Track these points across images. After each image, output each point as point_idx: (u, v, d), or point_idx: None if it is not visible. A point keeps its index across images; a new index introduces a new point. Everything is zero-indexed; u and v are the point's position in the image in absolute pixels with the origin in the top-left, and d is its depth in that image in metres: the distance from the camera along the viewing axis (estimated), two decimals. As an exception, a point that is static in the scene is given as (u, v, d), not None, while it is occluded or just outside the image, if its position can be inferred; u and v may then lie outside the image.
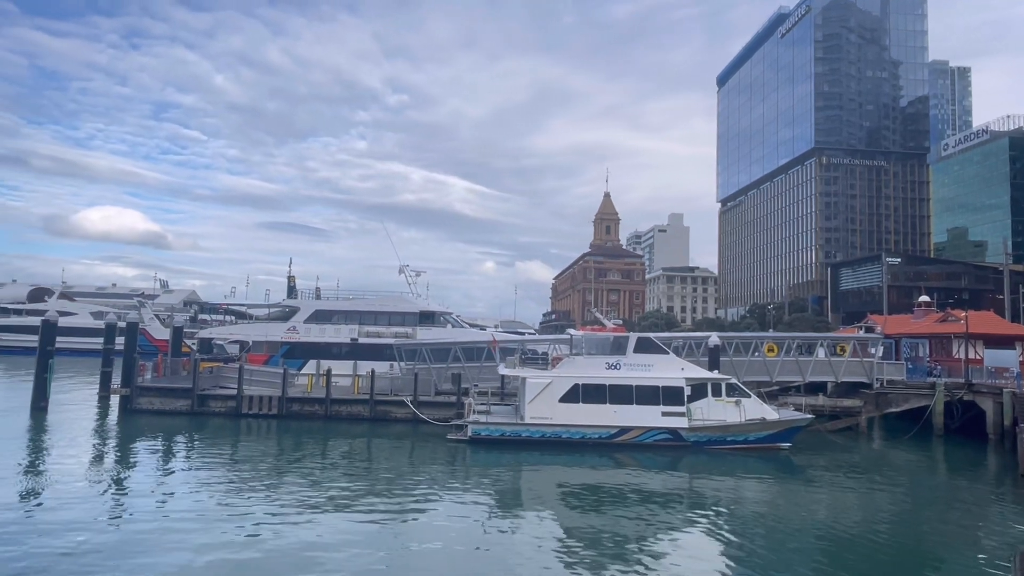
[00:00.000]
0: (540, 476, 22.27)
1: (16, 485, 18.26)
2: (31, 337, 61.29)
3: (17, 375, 47.76)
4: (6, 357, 64.28)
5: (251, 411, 31.20)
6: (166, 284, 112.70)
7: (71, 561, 12.42)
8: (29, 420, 28.59)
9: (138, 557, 12.78)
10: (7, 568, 11.98)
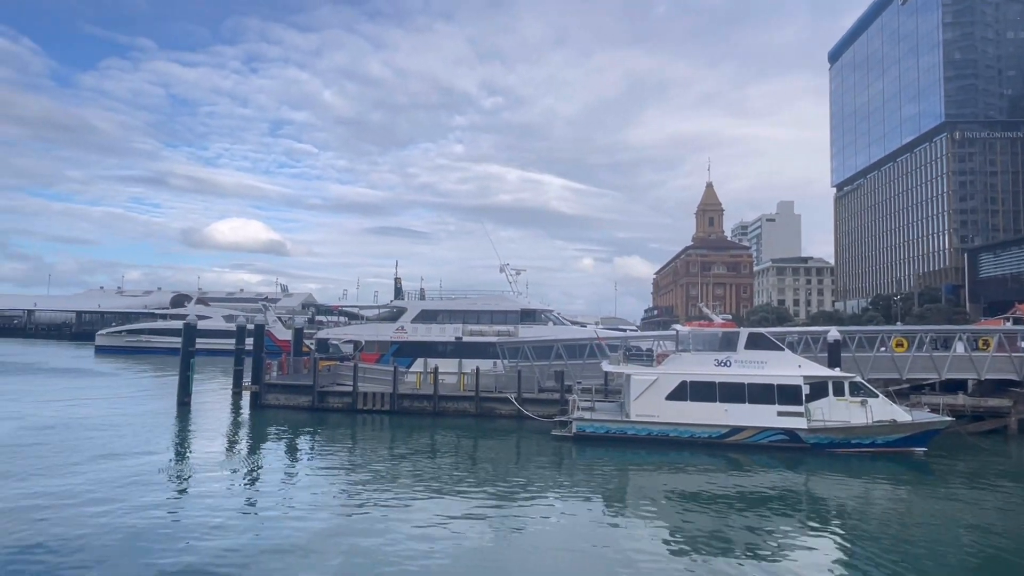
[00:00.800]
0: (648, 475, 21.81)
1: (167, 471, 20.33)
2: (174, 339, 68.05)
3: (164, 373, 53.19)
4: (154, 357, 71.87)
5: (366, 407, 32.86)
6: (286, 288, 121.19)
7: (211, 539, 13.65)
8: (175, 413, 31.73)
9: (266, 540, 13.84)
10: (157, 538, 13.36)
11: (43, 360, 66.03)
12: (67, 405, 33.90)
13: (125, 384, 46.69)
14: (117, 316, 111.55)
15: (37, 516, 14.88)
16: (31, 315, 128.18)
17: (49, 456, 21.37)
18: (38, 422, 28.14)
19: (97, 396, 38.54)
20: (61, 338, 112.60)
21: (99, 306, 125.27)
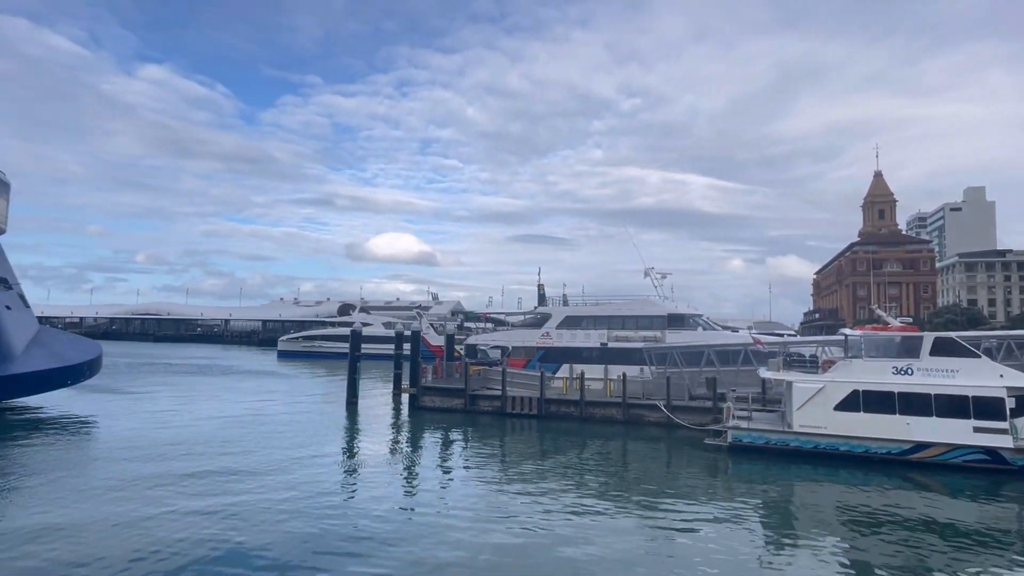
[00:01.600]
0: (814, 493, 20.07)
1: (338, 465, 22.30)
2: (341, 344, 74.45)
3: (334, 375, 58.45)
4: (326, 360, 79.32)
5: (514, 410, 33.68)
6: (436, 296, 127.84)
7: (372, 530, 14.71)
8: (344, 413, 34.72)
9: (419, 537, 14.62)
10: (332, 522, 14.66)
11: (238, 363, 75.57)
12: (258, 403, 38.52)
13: (302, 385, 52.00)
14: (294, 324, 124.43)
15: (235, 496, 17.01)
16: (227, 324, 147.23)
17: (248, 446, 24.36)
18: (237, 417, 32.21)
19: (281, 395, 43.31)
20: (250, 344, 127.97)
21: (280, 315, 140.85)
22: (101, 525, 14.67)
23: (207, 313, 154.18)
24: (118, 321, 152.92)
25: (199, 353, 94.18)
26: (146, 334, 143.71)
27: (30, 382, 32.73)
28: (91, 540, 13.66)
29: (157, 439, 25.56)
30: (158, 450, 23.31)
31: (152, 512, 15.60)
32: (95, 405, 34.88)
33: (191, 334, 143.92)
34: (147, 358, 77.80)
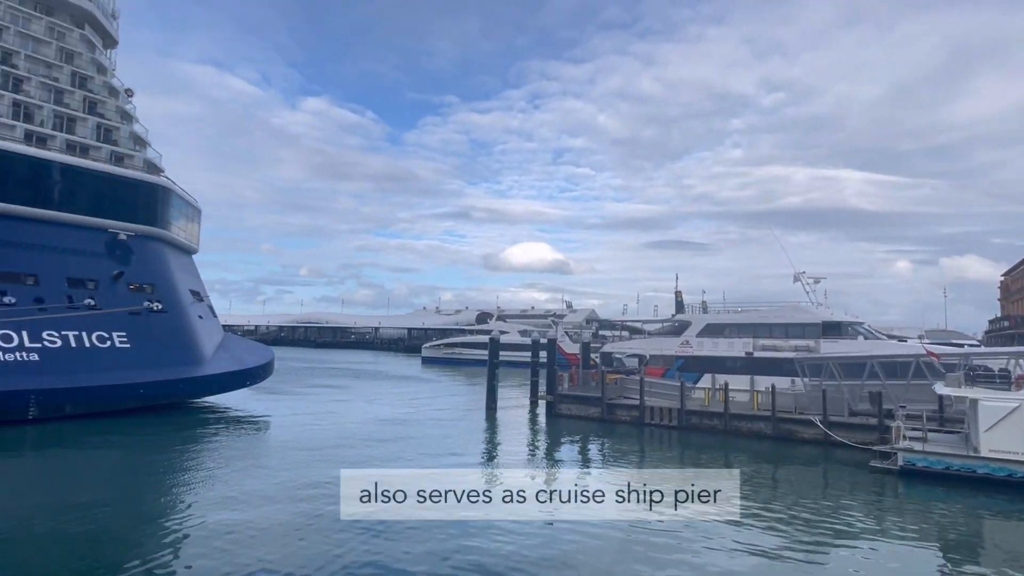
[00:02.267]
0: (1011, 530, 17.35)
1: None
2: (480, 351, 76.94)
3: (474, 382, 60.52)
4: (466, 367, 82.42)
5: (652, 421, 32.73)
6: (570, 305, 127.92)
7: (512, 538, 14.89)
8: (485, 418, 35.77)
9: (558, 550, 14.54)
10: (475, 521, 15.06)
11: (387, 368, 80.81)
12: (407, 406, 40.88)
13: (445, 390, 54.40)
14: (436, 332, 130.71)
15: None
16: (376, 332, 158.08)
17: (400, 447, 25.90)
18: (389, 419, 34.39)
19: (426, 400, 45.63)
20: (397, 351, 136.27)
21: (423, 324, 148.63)
22: (271, 515, 16.27)
23: (359, 321, 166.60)
24: (286, 329, 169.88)
25: (353, 358, 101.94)
26: (308, 340, 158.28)
27: (217, 383, 37.25)
28: (267, 529, 15.18)
29: (319, 436, 27.98)
30: (320, 445, 25.49)
31: (311, 505, 17.03)
32: (268, 404, 38.96)
33: (346, 341, 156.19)
34: (309, 362, 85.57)
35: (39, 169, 34.25)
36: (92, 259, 34.60)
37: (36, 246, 32.51)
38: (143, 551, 13.66)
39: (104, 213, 36.06)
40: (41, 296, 31.33)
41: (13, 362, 28.46)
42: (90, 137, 39.15)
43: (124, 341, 32.86)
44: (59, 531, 14.74)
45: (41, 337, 29.83)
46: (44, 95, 38.19)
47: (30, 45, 38.99)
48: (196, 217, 46.44)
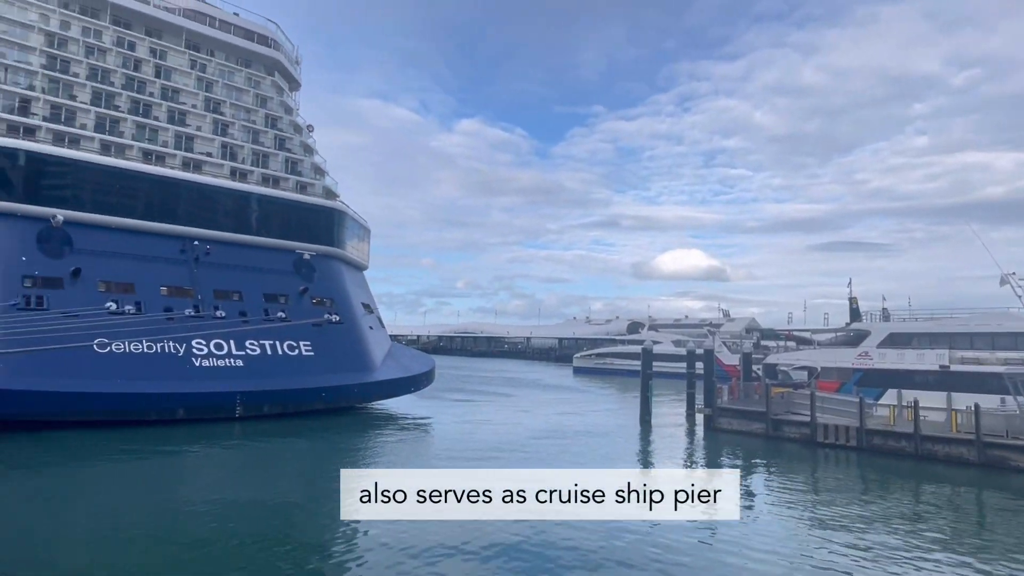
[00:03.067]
0: None
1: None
2: (632, 362, 75.48)
3: (626, 392, 59.51)
4: (618, 378, 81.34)
5: (826, 440, 29.88)
6: (727, 313, 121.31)
7: (666, 557, 14.27)
8: (639, 430, 34.98)
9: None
10: (632, 540, 14.68)
11: (539, 377, 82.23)
12: (560, 414, 41.27)
13: (597, 400, 54.09)
14: (587, 342, 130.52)
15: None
16: (528, 341, 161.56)
17: (555, 455, 26.20)
18: (543, 427, 34.95)
19: (579, 409, 45.70)
20: (548, 360, 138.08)
21: (573, 333, 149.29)
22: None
23: (512, 331, 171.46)
24: (444, 338, 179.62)
25: (506, 367, 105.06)
26: (465, 349, 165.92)
27: (386, 388, 40.31)
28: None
29: (478, 440, 29.15)
30: (479, 449, 26.53)
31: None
32: (430, 409, 41.39)
33: (499, 350, 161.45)
34: (466, 370, 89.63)
35: (241, 200, 39.77)
36: (283, 277, 39.31)
37: (240, 267, 37.67)
38: (324, 541, 15.10)
39: (291, 236, 40.92)
40: (244, 310, 36.14)
41: (224, 367, 33.04)
42: (280, 170, 44.66)
43: (309, 349, 36.79)
44: (256, 519, 16.78)
45: (245, 345, 34.34)
46: (244, 136, 44.24)
47: (233, 95, 45.41)
48: (366, 236, 50.91)
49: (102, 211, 34.42)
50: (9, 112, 35.66)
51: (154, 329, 31.39)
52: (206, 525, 15.95)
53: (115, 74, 40.56)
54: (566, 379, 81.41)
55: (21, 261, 30.95)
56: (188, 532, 15.26)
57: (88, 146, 37.01)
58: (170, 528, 15.59)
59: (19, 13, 38.80)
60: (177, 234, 36.55)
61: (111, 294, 32.20)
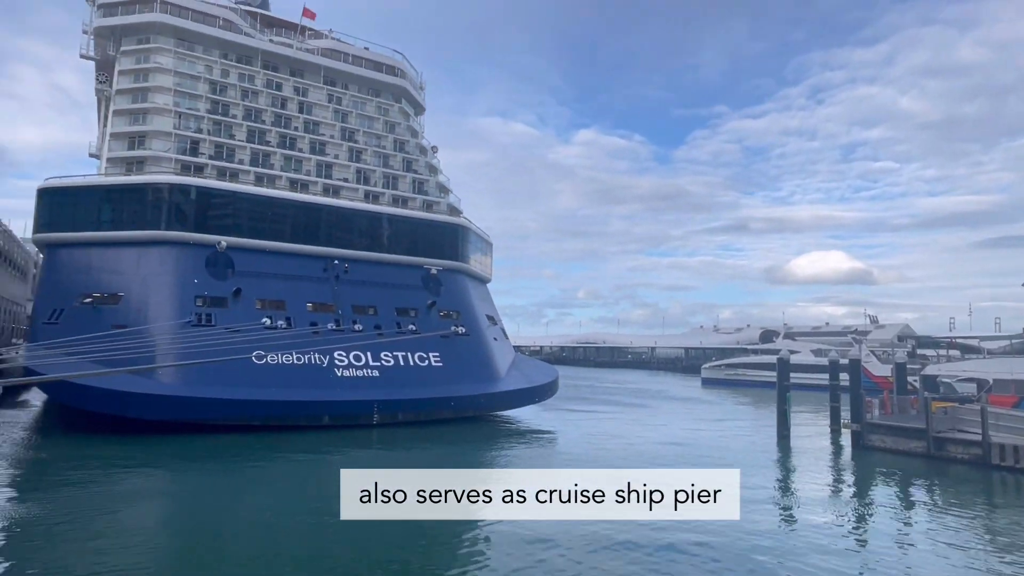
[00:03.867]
0: None
1: (772, 502, 21.04)
2: (766, 373, 71.12)
3: (761, 405, 56.12)
4: (751, 389, 76.93)
5: (1003, 463, 26.25)
6: (875, 319, 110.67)
7: None
8: (776, 446, 32.80)
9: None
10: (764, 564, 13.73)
11: (664, 389, 79.81)
12: (688, 427, 39.78)
13: (728, 413, 51.47)
14: (715, 351, 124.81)
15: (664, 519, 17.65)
16: (653, 352, 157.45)
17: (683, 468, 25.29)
18: (671, 441, 33.86)
19: (708, 422, 43.77)
20: (674, 371, 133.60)
21: (700, 343, 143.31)
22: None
23: (635, 341, 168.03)
24: (566, 349, 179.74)
25: (630, 378, 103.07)
26: (587, 360, 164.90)
27: (512, 398, 41.04)
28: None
29: (603, 452, 28.80)
30: (605, 461, 26.18)
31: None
32: (554, 420, 41.52)
33: (622, 360, 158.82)
34: (589, 381, 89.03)
35: (374, 221, 42.60)
36: (412, 292, 41.49)
37: (374, 283, 40.29)
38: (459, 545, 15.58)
39: (419, 252, 43.18)
40: (379, 324, 38.51)
41: (362, 377, 35.35)
42: (408, 190, 47.32)
43: (438, 360, 38.41)
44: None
45: (380, 357, 36.54)
46: (376, 161, 47.40)
47: (365, 123, 48.88)
48: (488, 250, 52.42)
49: (257, 236, 38.37)
50: (182, 153, 40.89)
51: (302, 342, 34.28)
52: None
53: (265, 113, 45.18)
54: (694, 390, 78.30)
55: (194, 283, 35.20)
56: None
57: (245, 179, 41.48)
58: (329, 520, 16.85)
59: (189, 67, 44.46)
60: (319, 254, 39.83)
61: (266, 311, 35.70)
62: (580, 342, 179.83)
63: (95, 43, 47.18)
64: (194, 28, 45.04)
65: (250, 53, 47.03)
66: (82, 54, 48.14)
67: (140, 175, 38.80)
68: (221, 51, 46.15)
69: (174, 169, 39.64)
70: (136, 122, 41.97)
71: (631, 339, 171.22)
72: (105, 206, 37.40)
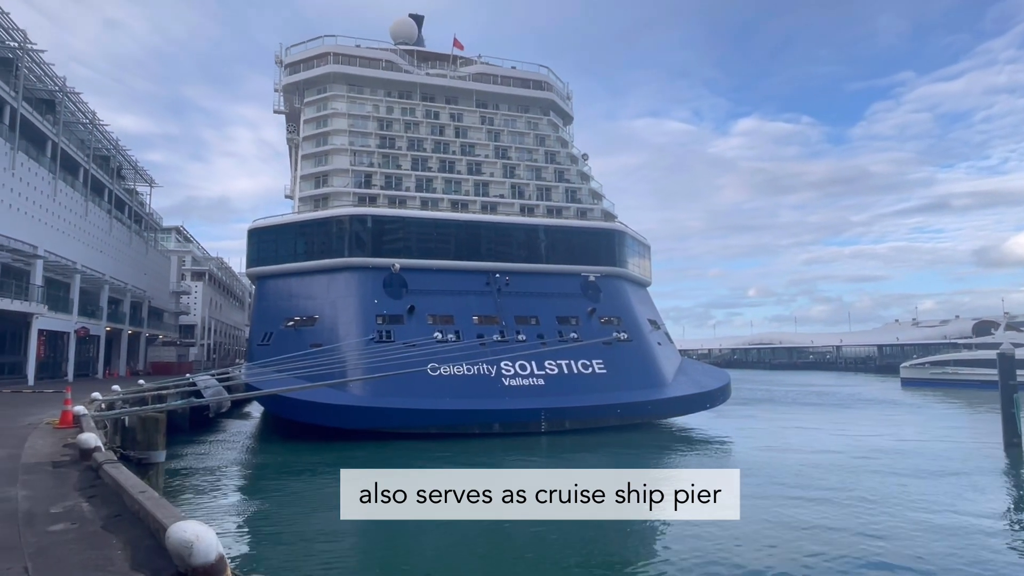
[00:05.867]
0: None
1: (1010, 526, 17.96)
2: (983, 371, 61.30)
3: (977, 409, 48.37)
4: (964, 391, 66.63)
5: None
6: None
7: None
8: (1004, 456, 28.01)
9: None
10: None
11: (856, 391, 71.93)
12: (887, 435, 35.41)
13: (937, 418, 45.02)
14: (916, 348, 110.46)
15: (878, 537, 15.78)
16: (838, 350, 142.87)
17: (900, 499, 22.54)
18: (871, 449, 30.37)
19: (913, 429, 38.66)
20: (866, 371, 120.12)
21: (897, 339, 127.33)
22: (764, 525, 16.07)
23: (817, 340, 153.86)
24: (738, 351, 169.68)
25: (813, 380, 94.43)
26: (761, 362, 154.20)
27: (679, 405, 39.56)
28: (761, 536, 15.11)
29: (790, 463, 26.57)
30: (791, 485, 24.12)
31: (792, 526, 16.12)
32: (728, 426, 39.25)
33: (803, 362, 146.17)
34: (765, 384, 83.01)
35: (531, 233, 43.72)
36: (572, 300, 41.81)
37: (534, 293, 41.24)
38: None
39: (576, 260, 43.44)
40: (541, 333, 39.30)
41: (528, 386, 36.26)
42: (561, 200, 47.98)
43: (601, 367, 38.22)
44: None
45: (544, 365, 37.23)
46: (528, 175, 48.73)
47: (517, 139, 50.53)
48: (646, 253, 51.30)
49: (425, 256, 41.25)
50: (358, 187, 45.29)
51: (470, 354, 36.04)
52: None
53: (426, 141, 48.58)
54: (892, 393, 69.62)
55: (374, 303, 38.67)
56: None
57: (411, 204, 44.86)
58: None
59: (359, 108, 49.27)
60: (482, 269, 41.72)
61: (437, 325, 38.12)
62: (753, 343, 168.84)
63: (284, 98, 54.18)
64: (362, 73, 49.95)
65: (410, 88, 50.95)
66: (275, 110, 55.54)
67: (325, 210, 43.65)
68: (385, 90, 50.57)
69: (352, 202, 44.06)
70: (320, 163, 47.38)
71: (811, 338, 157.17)
72: (300, 240, 42.60)
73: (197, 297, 78.49)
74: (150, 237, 63.28)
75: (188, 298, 76.78)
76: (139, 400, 25.10)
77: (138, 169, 58.14)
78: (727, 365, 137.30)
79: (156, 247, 66.20)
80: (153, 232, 65.34)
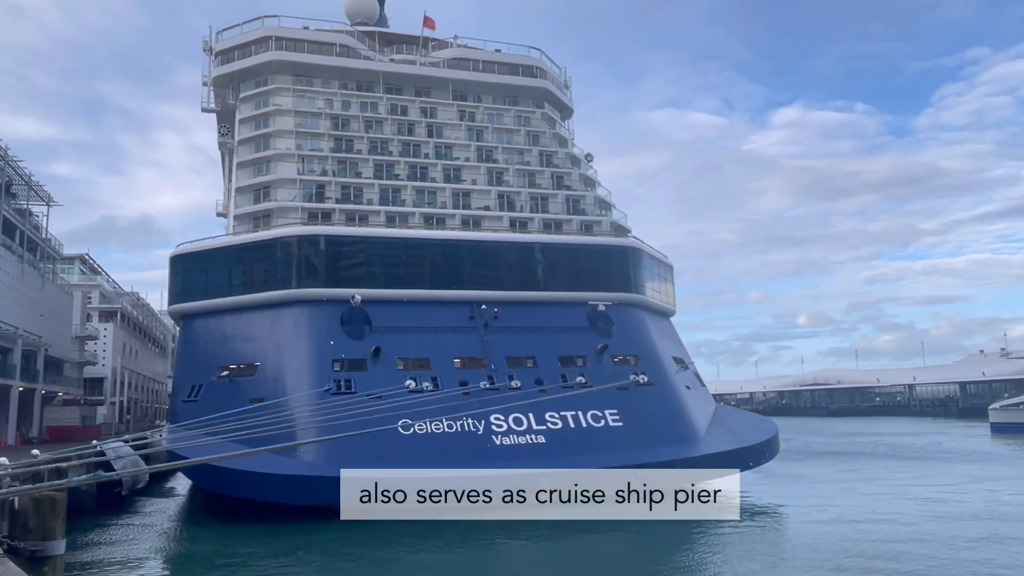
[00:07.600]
0: None
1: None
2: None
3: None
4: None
5: None
6: None
7: None
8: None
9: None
10: None
11: (934, 440, 71.97)
12: (982, 497, 35.39)
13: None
14: (1008, 385, 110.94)
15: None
16: (911, 390, 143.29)
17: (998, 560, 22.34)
18: (960, 516, 30.20)
19: (1009, 487, 38.57)
20: (947, 415, 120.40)
21: (983, 374, 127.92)
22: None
23: (884, 378, 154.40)
24: (787, 394, 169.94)
25: (881, 428, 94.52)
26: (816, 407, 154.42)
27: (714, 463, 39.25)
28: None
29: (858, 538, 26.23)
30: (860, 550, 23.83)
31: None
32: (776, 489, 39.01)
33: (868, 406, 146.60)
34: (821, 435, 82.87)
35: (524, 252, 43.91)
36: (578, 335, 41.76)
37: (530, 328, 41.16)
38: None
39: (582, 286, 43.51)
40: (540, 377, 39.15)
41: (526, 445, 35.97)
42: (560, 211, 48.38)
43: (616, 419, 38.00)
44: None
45: (544, 419, 36.99)
46: (519, 181, 49.19)
47: (504, 137, 51.10)
48: (668, 275, 51.55)
49: (393, 285, 41.18)
50: (308, 200, 45.46)
51: (452, 406, 35.81)
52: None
53: (392, 142, 49.02)
54: (980, 442, 69.69)
55: (330, 345, 38.47)
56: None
57: (375, 220, 45.04)
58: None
59: (309, 103, 49.75)
60: (464, 299, 41.66)
61: (409, 371, 37.90)
62: (805, 384, 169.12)
63: (215, 94, 54.64)
64: (310, 60, 50.55)
65: (371, 78, 51.54)
66: (203, 108, 55.94)
67: (267, 230, 43.61)
68: (340, 80, 51.13)
69: (301, 219, 44.11)
70: (260, 173, 47.59)
71: (877, 375, 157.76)
72: (236, 268, 42.47)
73: (107, 343, 77.94)
74: (47, 269, 62.98)
75: (95, 344, 76.19)
76: (32, 476, 24.71)
77: (32, 184, 58.16)
78: (773, 412, 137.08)
79: (55, 281, 65.86)
80: (51, 262, 65.08)
